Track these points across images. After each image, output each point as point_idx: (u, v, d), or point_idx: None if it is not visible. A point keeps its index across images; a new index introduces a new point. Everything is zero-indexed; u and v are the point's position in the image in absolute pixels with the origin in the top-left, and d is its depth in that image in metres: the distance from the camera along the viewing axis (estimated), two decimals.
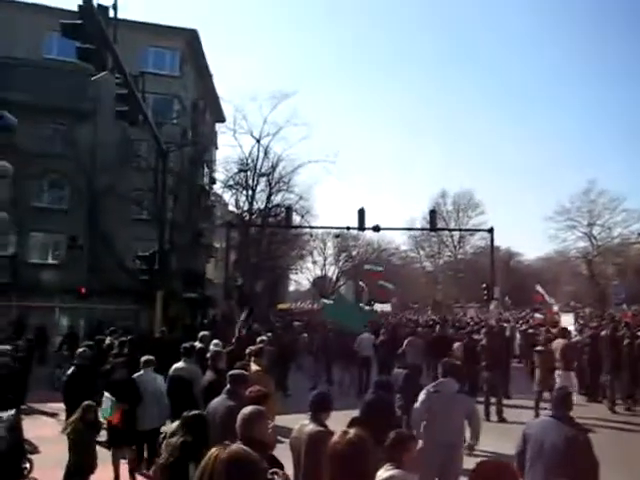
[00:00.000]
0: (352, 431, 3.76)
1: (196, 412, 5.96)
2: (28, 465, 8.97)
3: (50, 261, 32.08)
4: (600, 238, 62.69)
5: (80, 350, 11.31)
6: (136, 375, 10.01)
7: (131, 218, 31.19)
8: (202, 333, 15.33)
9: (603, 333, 17.73)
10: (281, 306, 59.91)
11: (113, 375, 10.30)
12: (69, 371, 10.77)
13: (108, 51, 13.82)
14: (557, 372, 15.03)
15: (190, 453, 5.22)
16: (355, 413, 7.52)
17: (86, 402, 8.44)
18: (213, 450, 2.59)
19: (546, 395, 13.19)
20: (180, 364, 10.29)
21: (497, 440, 10.05)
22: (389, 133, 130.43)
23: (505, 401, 16.19)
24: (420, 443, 7.33)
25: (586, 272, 64.39)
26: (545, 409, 12.39)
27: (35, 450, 9.46)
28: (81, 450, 8.11)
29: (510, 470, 3.19)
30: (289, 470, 5.52)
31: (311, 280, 75.91)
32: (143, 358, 10.32)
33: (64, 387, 10.57)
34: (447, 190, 75.48)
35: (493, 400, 15.35)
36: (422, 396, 7.63)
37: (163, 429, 7.88)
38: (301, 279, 75.78)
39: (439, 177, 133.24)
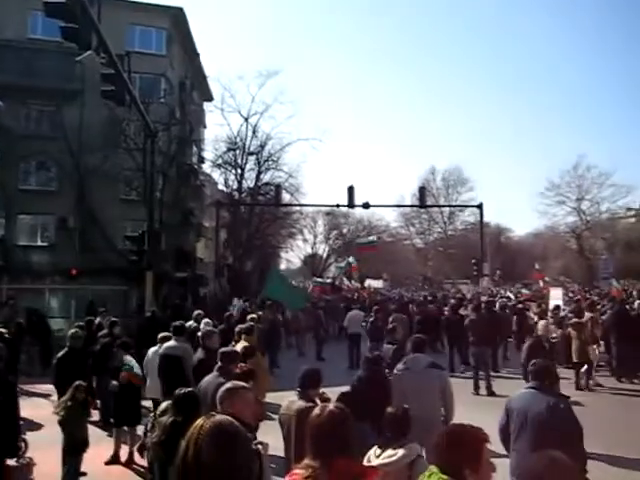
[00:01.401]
0: (332, 404, 3.82)
1: (187, 390, 5.99)
2: (23, 445, 9.05)
3: (39, 243, 31.96)
4: (589, 213, 63.08)
5: (72, 331, 11.26)
6: (152, 350, 10.25)
7: (120, 198, 31.12)
8: (196, 312, 15.45)
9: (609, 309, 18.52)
10: None
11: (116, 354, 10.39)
12: (60, 353, 10.75)
13: (92, 30, 13.68)
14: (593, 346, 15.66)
15: (181, 431, 5.24)
16: (345, 389, 7.59)
17: (76, 382, 8.49)
18: (199, 421, 2.65)
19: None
20: (171, 342, 10.30)
21: (486, 414, 10.12)
22: (379, 109, 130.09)
23: (495, 375, 16.50)
24: None
25: (575, 247, 64.77)
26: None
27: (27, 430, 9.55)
28: (73, 429, 8.20)
29: (476, 434, 3.23)
30: (280, 445, 5.61)
31: (302, 258, 76.00)
32: (160, 334, 10.86)
33: (55, 368, 10.58)
34: (436, 166, 75.55)
35: (482, 374, 15.60)
36: (394, 376, 7.61)
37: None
38: (292, 257, 75.67)
39: (429, 154, 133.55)
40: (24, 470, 8.97)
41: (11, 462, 8.30)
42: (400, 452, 4.91)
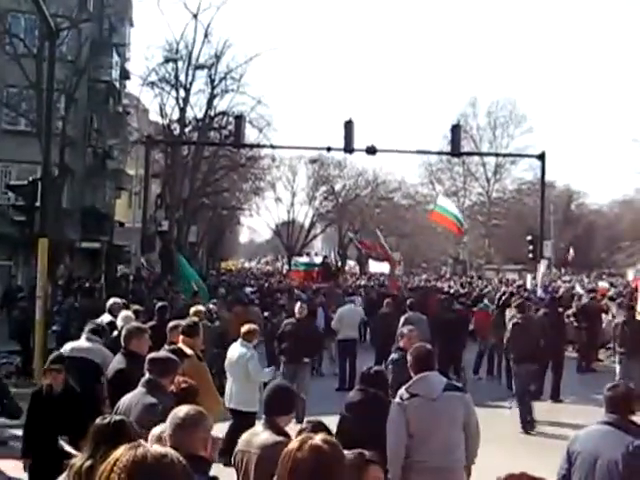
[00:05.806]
0: (318, 437, 3.80)
1: (115, 419, 5.45)
2: None
3: None
4: None
5: None
6: None
7: (2, 129, 31.02)
8: (112, 301, 15.45)
9: None
10: (227, 264, 59.83)
11: None
12: None
13: None
14: None
15: None
16: (334, 418, 7.64)
17: None
18: (116, 452, 2.54)
19: None
20: (84, 343, 10.32)
21: (537, 459, 10.21)
22: (396, 16, 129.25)
23: (554, 405, 16.71)
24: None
25: None
26: None
27: None
28: None
29: None
30: None
31: (273, 227, 75.78)
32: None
33: None
34: (479, 98, 75.10)
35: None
36: (394, 406, 7.29)
37: None
38: (258, 225, 75.67)
39: (466, 81, 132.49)
40: None
41: None
42: None
